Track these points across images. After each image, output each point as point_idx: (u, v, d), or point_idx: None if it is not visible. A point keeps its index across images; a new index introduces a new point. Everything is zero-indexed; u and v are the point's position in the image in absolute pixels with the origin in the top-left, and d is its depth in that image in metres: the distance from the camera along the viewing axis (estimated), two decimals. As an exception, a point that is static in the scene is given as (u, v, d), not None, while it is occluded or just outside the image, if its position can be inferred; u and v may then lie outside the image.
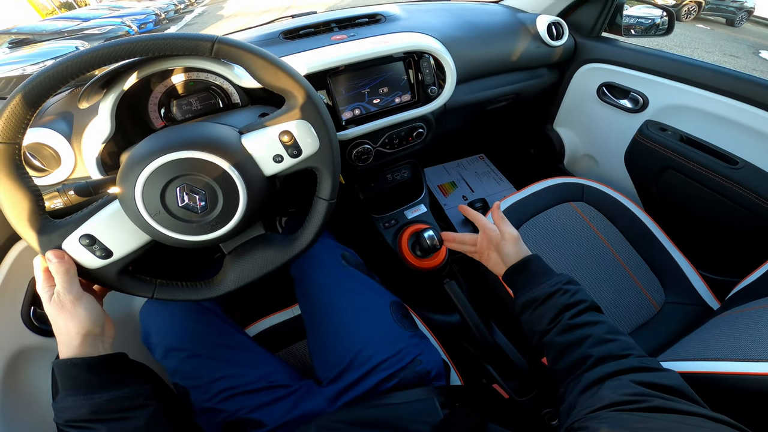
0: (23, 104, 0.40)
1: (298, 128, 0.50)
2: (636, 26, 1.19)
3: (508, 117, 1.48)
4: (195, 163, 0.45)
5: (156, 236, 0.47)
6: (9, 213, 0.43)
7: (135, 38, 0.43)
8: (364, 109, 0.83)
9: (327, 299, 0.70)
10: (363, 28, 0.89)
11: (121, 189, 0.45)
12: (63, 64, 0.41)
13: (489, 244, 0.64)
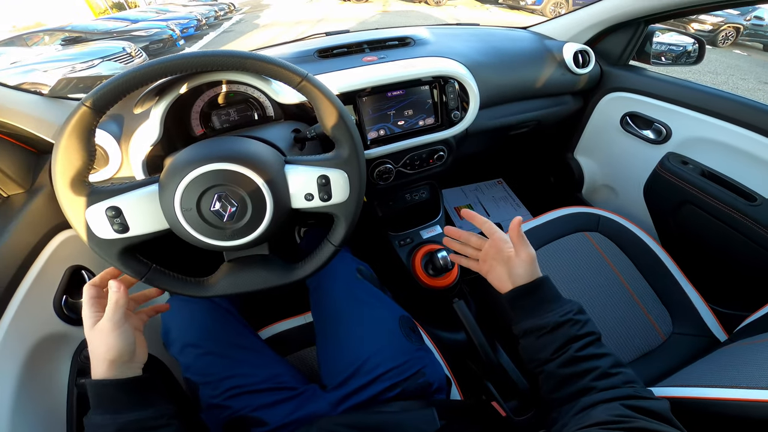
0: (132, 77, 0.47)
1: (336, 176, 0.54)
2: (666, 53, 1.18)
3: (528, 143, 1.48)
4: (239, 177, 0.49)
5: (176, 228, 0.51)
6: (58, 166, 0.47)
7: (237, 53, 0.49)
8: (389, 130, 0.86)
9: (340, 309, 0.73)
10: (393, 50, 0.92)
11: (166, 179, 0.50)
12: (187, 58, 0.48)
13: (497, 254, 0.58)
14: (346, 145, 0.54)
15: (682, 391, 0.52)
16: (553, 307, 0.51)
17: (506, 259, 0.56)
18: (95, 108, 0.46)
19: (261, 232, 0.52)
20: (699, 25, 7.26)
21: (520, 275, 0.54)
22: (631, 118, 1.17)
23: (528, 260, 0.55)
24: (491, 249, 0.59)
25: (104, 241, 0.50)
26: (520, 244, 0.55)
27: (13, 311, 0.58)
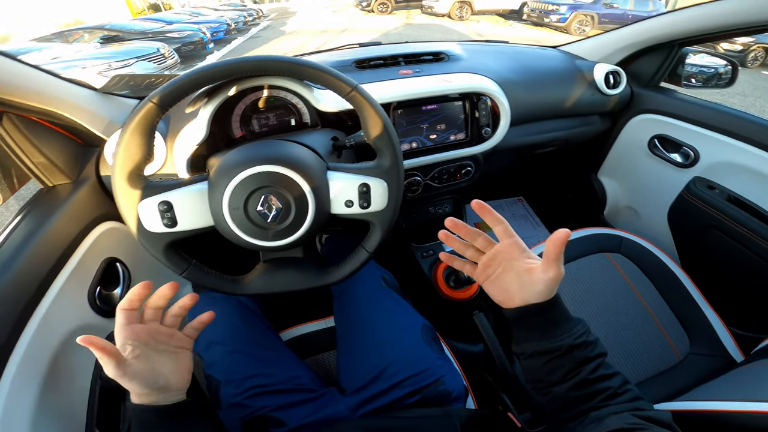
0: (198, 77, 0.50)
1: (376, 185, 0.55)
2: (698, 75, 1.16)
3: (553, 162, 1.48)
4: (286, 180, 0.51)
5: (221, 225, 0.52)
6: (118, 158, 0.49)
7: (295, 60, 0.51)
8: (421, 143, 0.88)
9: (363, 315, 0.73)
10: (428, 65, 0.94)
11: (216, 178, 0.51)
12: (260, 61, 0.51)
13: (509, 263, 0.50)
14: (388, 155, 0.55)
15: (697, 405, 0.53)
16: (566, 328, 0.46)
17: (523, 271, 0.48)
18: (161, 104, 0.49)
19: (300, 235, 0.53)
20: (729, 44, 7.12)
21: (538, 292, 0.47)
22: (660, 141, 1.15)
23: (556, 280, 0.47)
24: (502, 255, 0.51)
25: (153, 234, 0.52)
26: (555, 261, 0.46)
27: (50, 299, 0.60)
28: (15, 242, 0.61)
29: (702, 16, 0.94)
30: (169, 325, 0.48)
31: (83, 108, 0.71)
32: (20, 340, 0.53)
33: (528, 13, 10.78)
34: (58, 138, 0.72)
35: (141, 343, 0.44)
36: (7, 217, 2.45)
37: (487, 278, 0.52)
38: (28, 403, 0.52)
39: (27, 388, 0.52)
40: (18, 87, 0.60)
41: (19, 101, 0.60)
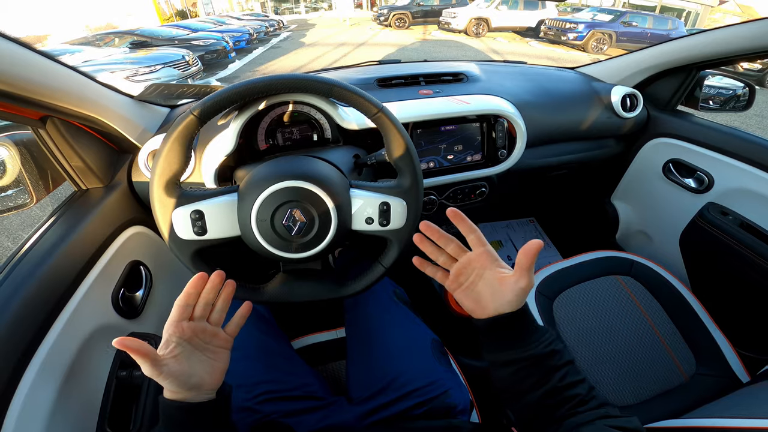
0: (235, 93, 0.52)
1: (396, 204, 0.57)
2: (716, 97, 1.14)
3: (566, 184, 1.48)
4: (312, 196, 0.53)
5: (247, 235, 0.54)
6: (158, 167, 0.52)
7: (326, 80, 0.54)
8: (438, 163, 0.89)
9: (375, 326, 0.74)
10: (447, 85, 0.96)
11: (246, 190, 0.54)
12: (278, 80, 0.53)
13: (483, 270, 0.50)
14: (409, 175, 0.57)
15: (701, 421, 0.53)
16: (536, 338, 0.47)
17: (495, 280, 0.48)
18: (201, 117, 0.51)
19: (322, 249, 0.55)
20: (748, 63, 7.01)
21: (509, 302, 0.47)
22: (674, 166, 1.15)
23: (526, 290, 0.47)
24: (474, 263, 0.50)
25: (183, 241, 0.54)
26: (528, 270, 0.47)
27: (78, 299, 0.62)
28: (49, 242, 0.63)
29: (720, 39, 0.94)
30: (215, 322, 0.49)
31: (121, 115, 0.75)
32: (47, 336, 0.55)
33: (545, 31, 10.69)
34: (95, 143, 0.76)
35: (185, 341, 0.45)
36: (37, 215, 2.55)
37: (459, 286, 0.51)
38: (46, 399, 0.53)
39: (47, 384, 0.54)
40: (66, 93, 0.63)
41: (65, 107, 0.64)
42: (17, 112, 0.62)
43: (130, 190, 0.80)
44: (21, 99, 0.57)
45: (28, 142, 0.72)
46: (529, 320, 0.48)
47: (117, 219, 0.75)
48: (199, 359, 0.46)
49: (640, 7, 19.57)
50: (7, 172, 0.71)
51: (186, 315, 0.46)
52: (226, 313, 0.51)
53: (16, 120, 0.64)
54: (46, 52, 0.60)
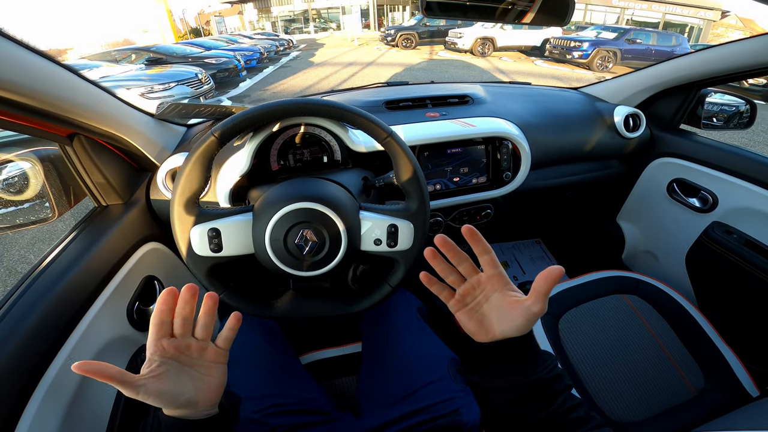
0: (253, 116, 0.55)
1: (403, 226, 0.59)
2: (718, 114, 1.15)
3: (572, 205, 1.49)
4: (324, 217, 0.55)
5: (260, 253, 0.56)
6: (179, 186, 0.54)
7: (341, 105, 0.56)
8: (444, 186, 0.91)
9: (395, 339, 0.76)
10: (453, 107, 0.98)
11: (261, 210, 0.56)
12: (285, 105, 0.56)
13: (492, 293, 0.48)
14: (416, 199, 0.59)
15: None
16: (539, 362, 0.46)
17: (504, 304, 0.46)
18: (221, 139, 0.54)
19: (331, 267, 0.57)
20: (753, 78, 6.99)
21: (517, 326, 0.45)
22: (679, 185, 1.15)
23: (538, 315, 0.45)
24: (485, 285, 0.48)
25: (199, 257, 0.56)
26: (545, 296, 0.44)
27: (95, 311, 0.64)
28: (71, 256, 0.66)
29: (719, 57, 0.95)
30: (201, 337, 0.46)
31: (143, 134, 0.78)
32: (64, 346, 0.57)
33: (550, 50, 10.77)
34: (117, 160, 0.79)
35: (170, 359, 0.43)
36: (57, 227, 2.60)
37: (463, 307, 0.49)
38: (60, 404, 0.55)
39: (62, 391, 0.56)
40: (95, 112, 0.67)
41: (93, 125, 0.67)
42: (47, 129, 0.65)
43: (147, 208, 0.83)
44: (53, 116, 0.60)
45: (52, 158, 0.75)
46: (533, 345, 0.47)
47: (135, 235, 0.77)
48: (190, 376, 0.44)
49: (643, 23, 19.83)
50: (31, 186, 0.73)
51: (163, 333, 0.43)
52: (211, 328, 0.48)
53: (45, 136, 0.67)
54: (76, 70, 0.63)
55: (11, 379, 0.49)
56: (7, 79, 0.50)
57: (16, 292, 0.58)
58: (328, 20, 29.00)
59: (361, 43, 16.38)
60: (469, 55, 11.69)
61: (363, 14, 27.44)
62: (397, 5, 28.02)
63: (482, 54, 11.65)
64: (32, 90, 0.54)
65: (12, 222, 0.73)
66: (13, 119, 0.57)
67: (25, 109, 0.55)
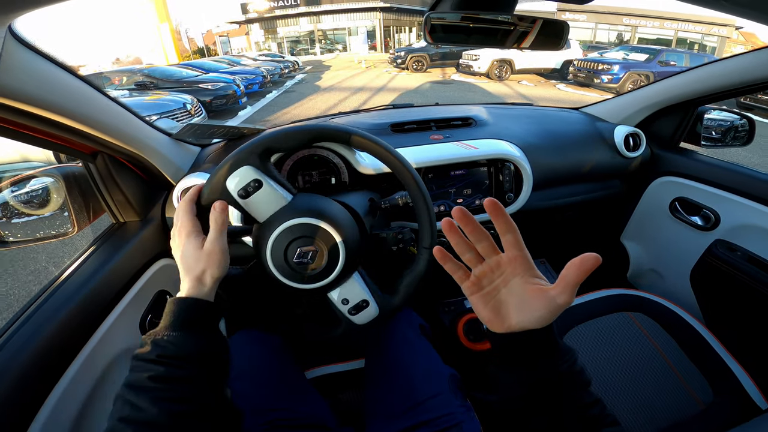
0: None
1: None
2: (716, 128, 1.19)
3: (576, 224, 1.53)
4: (328, 237, 0.59)
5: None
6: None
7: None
8: (448, 206, 0.97)
9: (397, 354, 0.80)
10: (457, 130, 1.05)
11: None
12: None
13: (513, 277, 0.44)
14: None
15: None
16: (559, 355, 0.43)
17: (525, 291, 0.43)
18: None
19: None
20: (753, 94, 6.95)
21: (538, 318, 0.41)
22: (680, 204, 1.19)
23: (563, 307, 0.41)
24: (505, 267, 0.45)
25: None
26: (574, 287, 0.40)
27: (109, 323, 0.69)
28: (90, 269, 0.72)
29: (716, 74, 0.99)
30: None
31: (161, 153, 0.85)
32: (80, 353, 0.62)
33: (574, 73, 9.97)
34: (135, 178, 0.85)
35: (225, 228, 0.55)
36: (76, 241, 2.68)
37: (478, 290, 0.46)
38: (71, 410, 0.59)
39: (74, 398, 0.60)
40: (119, 131, 0.73)
41: (117, 143, 0.74)
42: (74, 146, 0.72)
43: (162, 225, 0.89)
44: (82, 134, 0.67)
45: (73, 175, 0.82)
46: (555, 337, 0.43)
47: (149, 251, 0.84)
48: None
49: (654, 41, 19.93)
50: (54, 201, 0.80)
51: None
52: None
53: (71, 153, 0.74)
54: (101, 89, 0.70)
55: (33, 378, 0.54)
56: (44, 97, 0.56)
57: (39, 299, 0.64)
58: (334, 41, 29.78)
59: (368, 66, 16.37)
60: (484, 79, 11.18)
61: (369, 35, 28.13)
62: (404, 27, 28.82)
63: (499, 77, 11.08)
64: (65, 108, 0.60)
65: (33, 235, 0.80)
66: (45, 136, 0.64)
67: (57, 126, 0.62)
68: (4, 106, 0.52)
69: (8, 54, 0.48)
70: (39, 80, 0.55)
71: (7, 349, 0.54)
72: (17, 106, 0.54)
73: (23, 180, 0.80)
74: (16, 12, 0.44)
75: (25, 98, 0.53)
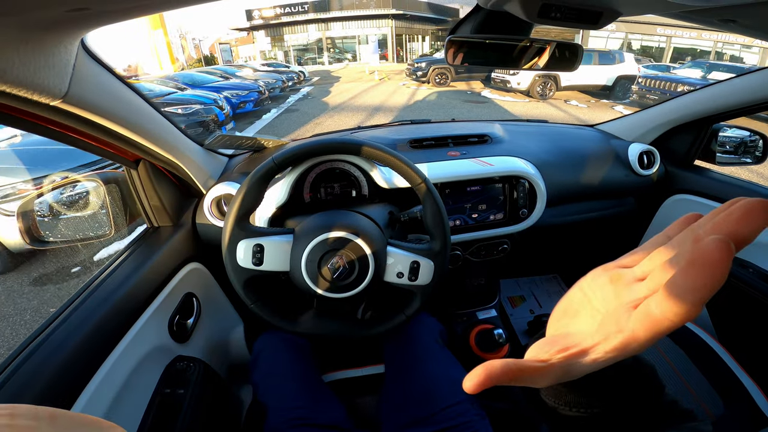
0: (308, 150, 0.68)
1: (425, 263, 0.72)
2: (729, 143, 1.23)
3: (588, 241, 1.58)
4: (356, 247, 0.67)
5: (294, 272, 0.69)
6: (237, 203, 0.68)
7: (385, 149, 0.69)
8: (463, 222, 1.04)
9: (416, 361, 0.86)
10: (473, 147, 1.12)
11: (300, 234, 0.69)
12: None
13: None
14: (440, 241, 0.73)
15: None
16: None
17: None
18: (278, 165, 0.69)
19: (357, 292, 0.69)
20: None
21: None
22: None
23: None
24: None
25: (241, 268, 0.70)
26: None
27: (142, 322, 0.76)
28: (126, 271, 0.80)
29: (731, 91, 1.02)
30: None
31: (195, 162, 0.93)
32: (115, 349, 0.69)
33: (641, 93, 8.43)
34: (171, 186, 0.94)
35: None
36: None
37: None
38: (105, 401, 0.65)
39: (108, 389, 0.66)
40: (161, 139, 0.81)
41: (159, 152, 0.82)
42: (119, 153, 0.80)
43: (193, 231, 0.97)
44: (130, 142, 0.74)
45: (113, 180, 0.90)
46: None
47: (180, 255, 0.92)
48: None
49: (685, 50, 19.12)
50: (95, 204, 0.89)
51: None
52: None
53: (116, 159, 0.82)
54: (146, 96, 0.77)
55: (67, 379, 0.60)
56: (105, 107, 0.62)
57: (78, 299, 0.71)
58: (343, 50, 29.91)
59: (382, 77, 15.49)
60: (523, 97, 9.83)
61: (380, 44, 27.73)
62: (416, 35, 28.50)
63: (542, 96, 9.69)
64: (121, 117, 0.66)
65: (74, 236, 0.88)
66: (97, 142, 0.72)
67: (109, 133, 0.69)
68: (73, 115, 0.58)
69: (80, 66, 0.54)
70: (103, 91, 0.61)
71: (43, 349, 0.60)
72: (83, 115, 0.59)
73: (68, 184, 0.88)
74: (90, 27, 0.48)
75: (91, 108, 0.59)
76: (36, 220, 0.84)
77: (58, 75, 0.49)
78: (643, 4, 0.44)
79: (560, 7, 0.43)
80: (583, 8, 0.43)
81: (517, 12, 0.45)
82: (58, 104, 0.53)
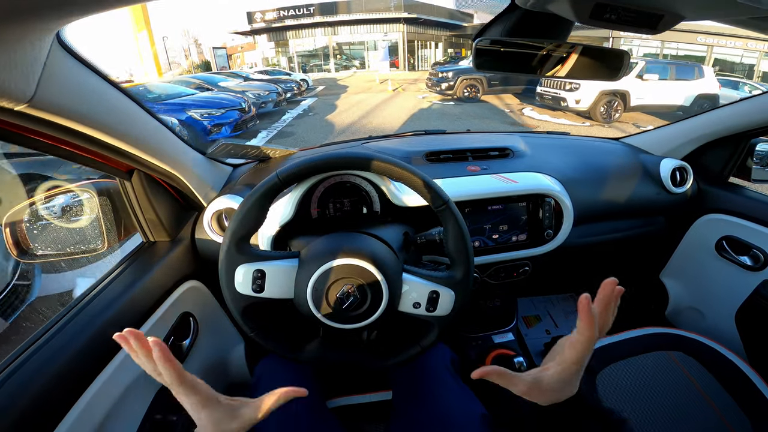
0: (314, 165, 0.64)
1: (445, 293, 0.67)
2: (764, 158, 1.19)
3: (612, 261, 1.54)
4: (367, 275, 0.63)
5: (299, 300, 0.64)
6: (235, 223, 0.63)
7: (401, 164, 0.65)
8: (483, 243, 0.99)
9: (428, 391, 0.82)
10: (494, 161, 1.07)
11: (307, 260, 0.64)
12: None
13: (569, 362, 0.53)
14: (462, 268, 0.67)
15: None
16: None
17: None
18: (283, 181, 0.64)
19: (368, 323, 0.64)
20: None
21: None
22: (728, 243, 1.18)
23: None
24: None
25: (240, 295, 0.65)
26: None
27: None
28: (118, 288, 0.76)
29: None
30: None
31: (195, 173, 0.89)
32: (103, 371, 0.66)
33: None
34: (168, 198, 0.91)
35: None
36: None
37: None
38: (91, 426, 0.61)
39: (95, 413, 0.63)
40: (156, 149, 0.76)
41: (153, 162, 0.78)
42: (111, 163, 0.77)
43: (191, 246, 0.94)
44: (120, 151, 0.70)
45: (108, 191, 0.87)
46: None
47: (177, 272, 0.88)
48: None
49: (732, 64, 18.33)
50: (86, 217, 0.86)
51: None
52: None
53: (108, 170, 0.79)
54: (140, 101, 0.72)
55: (49, 402, 0.57)
56: (84, 113, 0.56)
57: (62, 320, 0.68)
58: (350, 57, 29.29)
59: (395, 88, 14.02)
60: (582, 120, 8.19)
61: (391, 51, 27.18)
62: (429, 42, 27.90)
63: (606, 119, 7.95)
64: (106, 124, 0.62)
65: (64, 250, 0.85)
66: (82, 152, 0.68)
67: (95, 142, 0.64)
68: (44, 121, 0.52)
69: (53, 64, 0.47)
70: (81, 94, 0.55)
71: (16, 377, 0.56)
72: (57, 121, 0.53)
73: (59, 194, 0.86)
74: (67, 18, 0.42)
75: (66, 113, 0.53)
76: (25, 231, 0.81)
77: (23, 75, 0.43)
78: (710, 8, 0.40)
79: (616, 8, 0.39)
80: (642, 10, 0.40)
81: (565, 12, 0.41)
82: (23, 109, 0.47)
